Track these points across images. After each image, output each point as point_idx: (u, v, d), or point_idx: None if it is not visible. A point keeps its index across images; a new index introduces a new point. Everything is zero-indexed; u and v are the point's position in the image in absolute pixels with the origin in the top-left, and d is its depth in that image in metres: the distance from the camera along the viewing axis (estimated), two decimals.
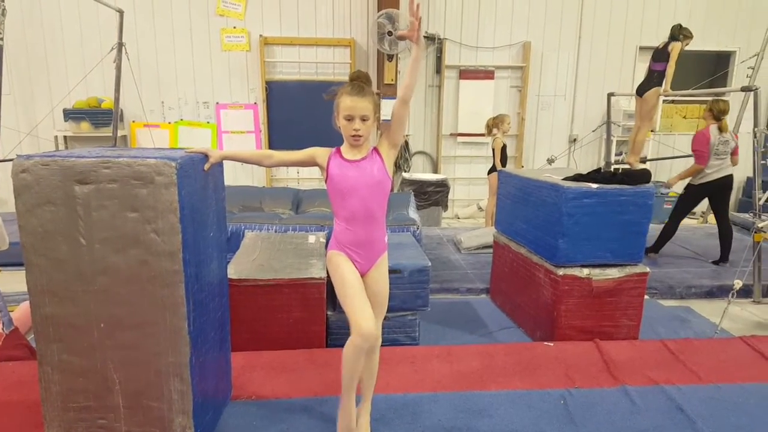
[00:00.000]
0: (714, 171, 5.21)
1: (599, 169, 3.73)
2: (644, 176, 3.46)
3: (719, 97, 5.52)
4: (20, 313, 3.42)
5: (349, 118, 2.09)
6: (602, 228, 3.37)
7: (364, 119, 2.09)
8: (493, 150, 6.29)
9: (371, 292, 2.22)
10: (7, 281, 4.07)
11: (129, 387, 2.09)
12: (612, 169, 5.32)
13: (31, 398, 2.52)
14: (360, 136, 2.11)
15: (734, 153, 5.25)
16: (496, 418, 2.51)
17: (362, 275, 2.21)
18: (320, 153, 2.21)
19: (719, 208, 5.41)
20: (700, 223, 7.78)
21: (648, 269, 3.52)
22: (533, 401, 2.67)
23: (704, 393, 2.77)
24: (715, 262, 5.46)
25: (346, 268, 2.17)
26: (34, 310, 2.05)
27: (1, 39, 3.60)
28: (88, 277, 2.00)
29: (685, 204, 5.49)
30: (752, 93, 4.76)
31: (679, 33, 5.69)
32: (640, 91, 5.93)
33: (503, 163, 6.21)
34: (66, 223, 1.97)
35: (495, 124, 6.32)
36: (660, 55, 5.81)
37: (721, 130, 5.16)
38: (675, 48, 5.62)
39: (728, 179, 5.23)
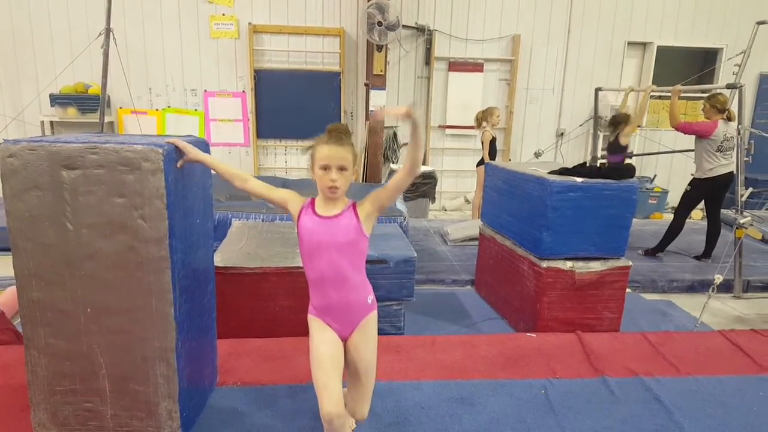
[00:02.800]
0: (720, 166, 5.17)
1: (584, 163, 3.78)
2: (629, 171, 3.52)
3: (715, 92, 5.44)
4: (6, 297, 3.40)
5: (326, 168, 1.91)
6: (586, 221, 3.43)
7: (341, 169, 1.91)
8: (483, 143, 6.33)
9: (351, 359, 2.05)
10: None
11: (115, 371, 2.11)
12: (598, 164, 5.35)
13: (16, 381, 2.53)
14: (337, 188, 1.92)
15: None
16: (478, 407, 2.56)
17: (344, 340, 2.04)
18: (294, 200, 2.03)
19: (714, 205, 5.43)
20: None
21: (630, 263, 3.60)
22: (515, 390, 2.72)
23: (682, 385, 2.83)
24: (698, 258, 5.55)
25: (318, 339, 2.01)
26: (21, 294, 2.05)
27: None
28: (75, 262, 2.01)
29: (690, 199, 5.48)
30: (737, 90, 4.82)
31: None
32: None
33: (492, 156, 6.25)
34: (53, 208, 1.97)
35: (484, 117, 6.36)
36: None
37: (729, 119, 5.11)
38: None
39: (731, 176, 5.21)
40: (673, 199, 7.48)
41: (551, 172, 3.59)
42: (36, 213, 1.98)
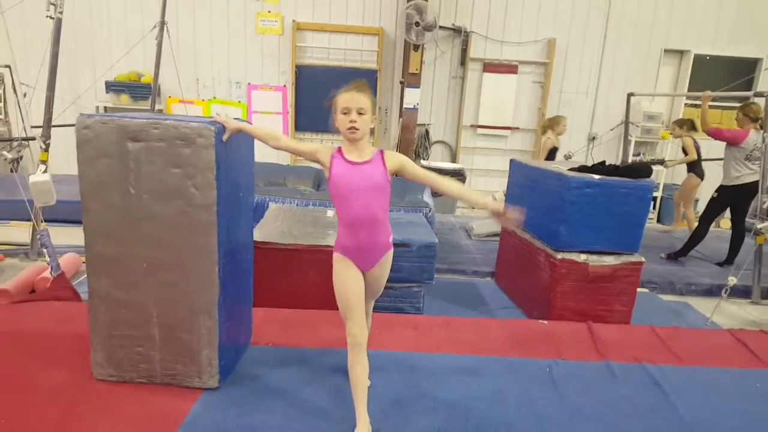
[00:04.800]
0: (747, 175, 5.23)
1: (604, 161, 3.94)
2: (645, 170, 3.66)
3: (749, 101, 5.48)
4: (66, 261, 3.80)
5: (346, 111, 2.11)
6: (602, 217, 3.60)
7: (360, 112, 2.11)
8: (542, 149, 6.39)
9: (369, 282, 2.31)
10: (52, 235, 4.43)
11: (165, 320, 2.41)
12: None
13: (75, 331, 2.87)
14: (356, 128, 2.11)
15: None
16: (486, 378, 2.77)
17: (364, 272, 2.28)
18: (323, 150, 2.22)
19: (739, 213, 5.49)
20: (713, 226, 7.85)
21: (643, 259, 3.74)
22: (520, 368, 2.91)
23: (683, 373, 2.97)
24: (720, 264, 5.59)
25: (344, 272, 2.23)
26: (88, 248, 2.37)
27: (61, 13, 3.94)
28: (135, 222, 2.32)
29: (716, 206, 5.55)
30: (764, 99, 4.88)
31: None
32: None
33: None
34: (119, 175, 2.28)
35: (550, 125, 6.42)
36: None
37: (762, 128, 5.11)
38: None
39: (757, 185, 5.20)
40: (703, 206, 7.48)
41: (570, 170, 3.76)
42: (104, 178, 2.29)
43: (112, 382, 2.50)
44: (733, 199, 5.44)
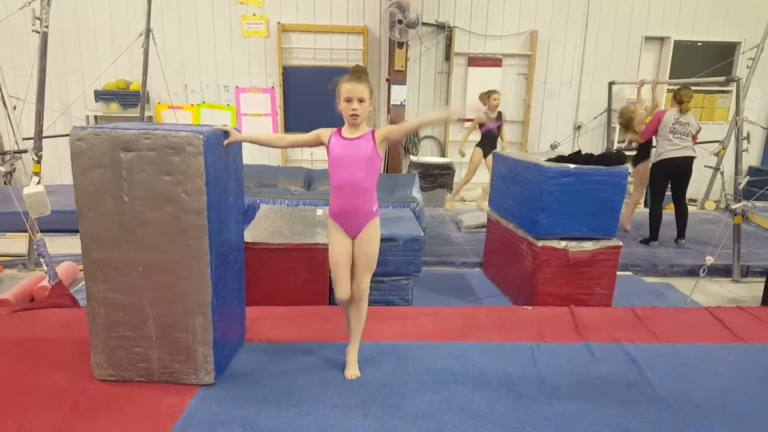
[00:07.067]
0: (672, 150, 5.50)
1: (579, 151, 4.07)
2: (619, 158, 3.80)
3: (681, 87, 5.78)
4: (62, 270, 3.91)
5: (348, 100, 2.47)
6: (579, 204, 3.73)
7: (361, 100, 2.48)
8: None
9: (359, 252, 2.61)
10: (49, 245, 4.54)
11: (161, 321, 2.53)
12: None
13: (75, 335, 2.99)
14: (357, 114, 2.48)
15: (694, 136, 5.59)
16: (470, 362, 2.91)
17: (353, 238, 2.61)
18: (324, 132, 2.59)
19: (677, 189, 5.73)
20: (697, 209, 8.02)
21: (621, 243, 3.88)
22: (504, 351, 3.05)
23: (659, 350, 3.11)
24: (675, 241, 5.82)
25: (334, 239, 2.62)
26: (84, 255, 2.49)
27: (46, 27, 4.04)
28: (129, 228, 2.43)
29: (655, 185, 5.79)
30: (736, 83, 5.03)
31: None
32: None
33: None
34: (112, 183, 2.39)
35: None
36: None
37: (681, 111, 5.53)
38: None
39: (689, 161, 5.52)
40: (689, 190, 7.63)
41: (548, 160, 3.89)
42: (98, 187, 2.40)
43: (112, 382, 2.61)
44: (662, 174, 5.70)
